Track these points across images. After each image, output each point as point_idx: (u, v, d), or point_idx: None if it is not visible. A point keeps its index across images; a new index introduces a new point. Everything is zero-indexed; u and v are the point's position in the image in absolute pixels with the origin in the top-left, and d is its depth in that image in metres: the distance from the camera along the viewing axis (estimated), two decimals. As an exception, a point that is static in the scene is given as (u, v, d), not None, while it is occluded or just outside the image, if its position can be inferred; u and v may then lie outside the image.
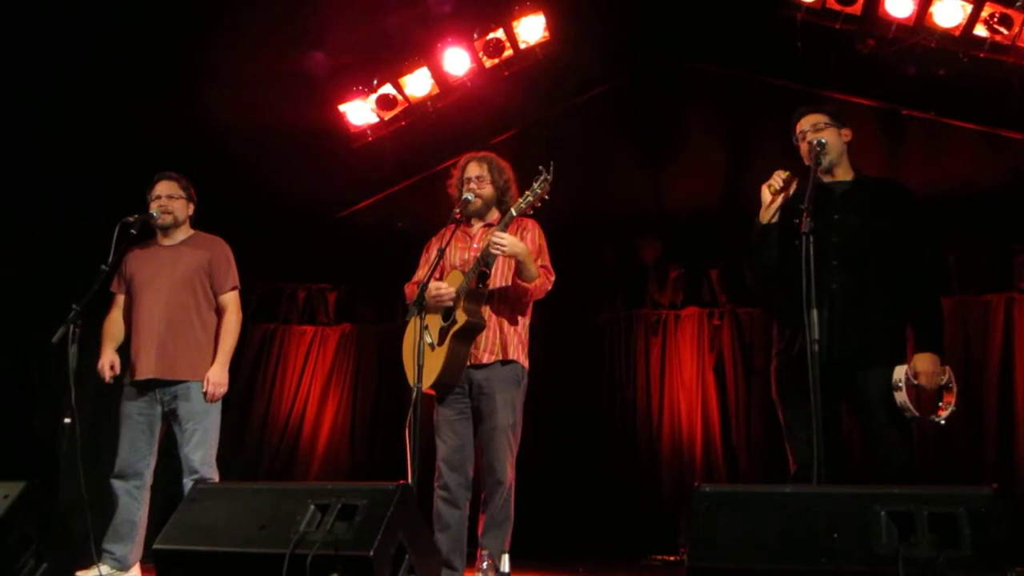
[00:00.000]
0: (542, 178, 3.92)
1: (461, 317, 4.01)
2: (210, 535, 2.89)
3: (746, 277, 3.88)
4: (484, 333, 4.09)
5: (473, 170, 4.27)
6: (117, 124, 5.60)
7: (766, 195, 3.65)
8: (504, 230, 3.97)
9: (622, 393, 7.15)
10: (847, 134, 3.76)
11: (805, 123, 3.77)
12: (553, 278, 4.19)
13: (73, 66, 5.45)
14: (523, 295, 4.15)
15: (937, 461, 5.99)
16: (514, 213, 3.98)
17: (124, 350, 4.45)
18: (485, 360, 4.08)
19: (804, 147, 3.73)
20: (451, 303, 4.04)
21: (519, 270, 4.04)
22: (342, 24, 5.82)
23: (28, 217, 5.71)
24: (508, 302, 4.17)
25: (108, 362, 4.40)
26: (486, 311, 4.11)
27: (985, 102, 5.57)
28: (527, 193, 3.96)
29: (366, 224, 7.19)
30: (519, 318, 4.20)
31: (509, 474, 4.01)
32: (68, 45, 5.36)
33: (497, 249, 3.90)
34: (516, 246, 3.94)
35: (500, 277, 4.17)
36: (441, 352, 4.02)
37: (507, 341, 4.11)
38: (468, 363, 4.08)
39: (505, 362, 4.09)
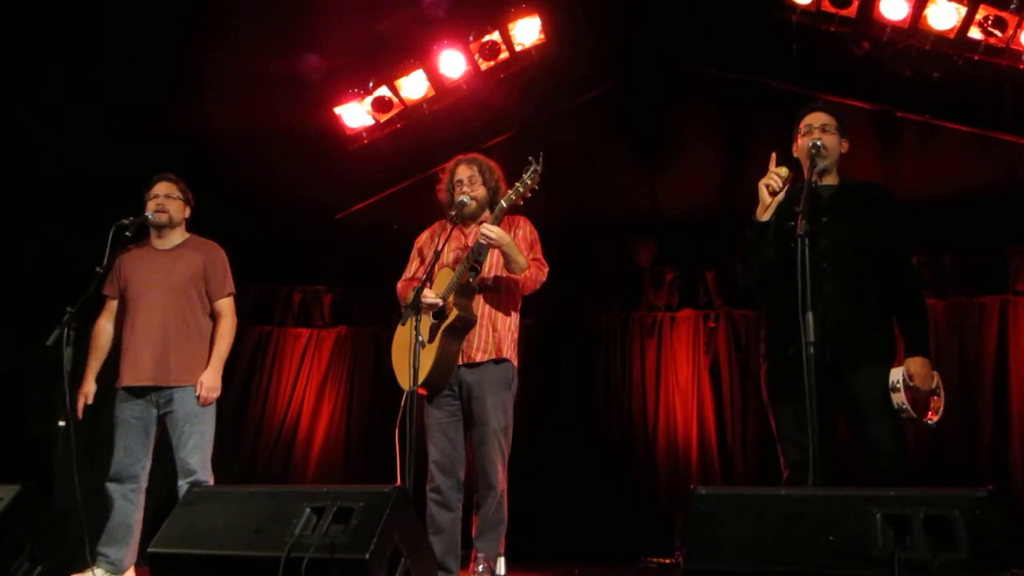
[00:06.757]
0: (531, 169, 3.90)
1: (452, 312, 3.99)
2: (205, 538, 2.88)
3: (737, 274, 3.83)
4: (476, 330, 4.08)
5: (463, 172, 4.25)
6: (112, 127, 5.58)
7: (764, 193, 3.58)
8: (497, 224, 3.97)
9: (618, 395, 7.16)
10: (846, 146, 3.75)
11: (815, 119, 3.73)
12: (547, 270, 4.18)
13: (68, 69, 5.43)
14: (514, 287, 4.14)
15: (932, 463, 6.00)
16: (504, 204, 3.98)
17: (119, 355, 4.43)
18: (478, 359, 4.06)
19: (803, 141, 3.68)
20: (440, 305, 4.02)
21: (507, 261, 4.04)
22: (337, 26, 5.81)
23: (24, 219, 5.70)
24: (500, 297, 4.16)
25: (86, 394, 4.36)
26: (477, 306, 4.11)
27: (980, 105, 5.57)
28: (517, 184, 3.94)
29: (361, 226, 7.18)
30: (511, 313, 4.19)
31: (501, 477, 4.00)
32: (63, 47, 5.35)
33: (484, 239, 3.90)
34: (502, 237, 3.95)
35: (492, 272, 4.17)
36: (432, 349, 3.99)
37: (501, 338, 4.11)
38: (461, 362, 4.06)
39: (498, 361, 4.09)
